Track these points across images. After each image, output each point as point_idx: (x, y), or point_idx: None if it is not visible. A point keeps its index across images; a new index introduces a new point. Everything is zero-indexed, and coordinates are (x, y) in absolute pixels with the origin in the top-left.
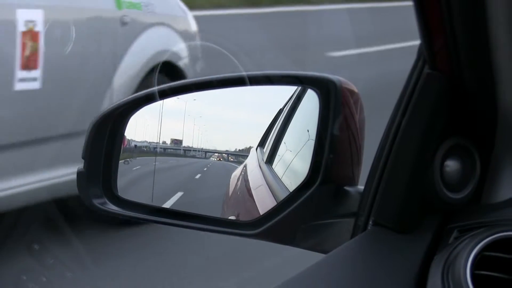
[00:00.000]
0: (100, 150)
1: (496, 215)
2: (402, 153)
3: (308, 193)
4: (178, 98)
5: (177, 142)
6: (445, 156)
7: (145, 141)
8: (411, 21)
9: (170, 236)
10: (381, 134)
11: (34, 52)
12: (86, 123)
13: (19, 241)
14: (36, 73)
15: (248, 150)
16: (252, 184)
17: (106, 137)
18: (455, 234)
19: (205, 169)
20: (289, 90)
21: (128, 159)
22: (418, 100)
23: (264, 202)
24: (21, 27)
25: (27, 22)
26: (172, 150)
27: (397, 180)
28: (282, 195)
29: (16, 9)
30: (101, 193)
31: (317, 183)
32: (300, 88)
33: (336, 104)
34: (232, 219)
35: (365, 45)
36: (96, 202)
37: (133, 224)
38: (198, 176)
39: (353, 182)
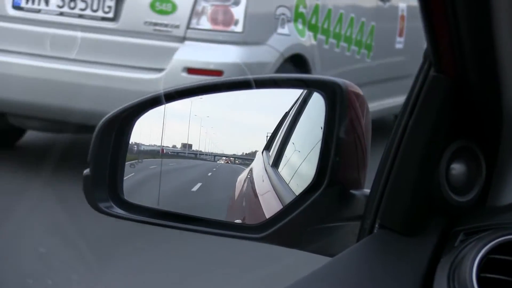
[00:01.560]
0: (106, 154)
1: (502, 218)
2: (408, 156)
3: (314, 197)
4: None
5: (187, 146)
6: (451, 159)
7: (155, 145)
8: None
9: (176, 238)
10: None
11: (402, 27)
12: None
13: (25, 244)
14: (402, 39)
15: (254, 153)
16: (258, 188)
17: (112, 141)
18: (461, 237)
19: (215, 169)
20: (295, 93)
21: (134, 163)
22: (424, 103)
23: (270, 206)
24: (399, 13)
25: (401, 9)
26: (182, 153)
27: (403, 183)
28: (288, 199)
29: (399, 4)
30: (107, 196)
31: (323, 186)
32: (306, 91)
33: (342, 107)
34: (238, 223)
35: None
36: (102, 205)
37: (140, 226)
38: (209, 174)
39: (359, 185)
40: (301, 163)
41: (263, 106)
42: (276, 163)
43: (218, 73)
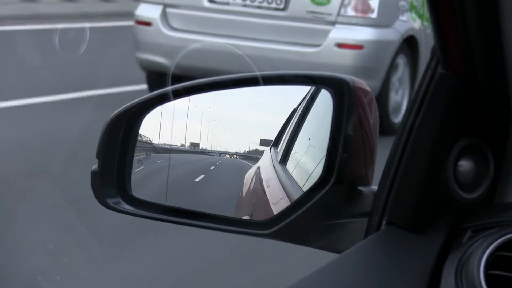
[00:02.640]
0: (114, 150)
1: (510, 215)
2: (415, 153)
3: (321, 193)
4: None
5: (195, 145)
6: (459, 156)
7: (164, 143)
8: None
9: (185, 235)
10: None
11: None
12: None
13: (33, 241)
14: None
15: (260, 150)
16: (265, 184)
17: (120, 137)
18: (468, 234)
19: (218, 163)
20: (303, 90)
21: (141, 158)
22: (431, 100)
23: (277, 202)
24: None
25: None
26: (189, 151)
27: (411, 179)
28: (296, 195)
29: None
30: (115, 192)
31: (330, 183)
32: (314, 88)
33: (349, 103)
34: (246, 219)
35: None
36: (110, 201)
37: (148, 223)
38: (212, 167)
39: (366, 181)
40: (308, 160)
41: (271, 102)
42: (284, 159)
43: (360, 47)
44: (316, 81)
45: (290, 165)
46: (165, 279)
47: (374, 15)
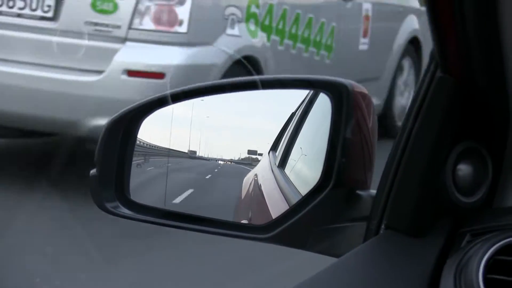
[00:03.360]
0: (112, 154)
1: (509, 219)
2: (414, 157)
3: (320, 197)
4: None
5: (193, 152)
6: (458, 160)
7: (161, 147)
8: None
9: (184, 238)
10: None
11: (367, 27)
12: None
13: (32, 244)
14: (366, 40)
15: (254, 158)
16: (264, 188)
17: (119, 141)
18: (467, 238)
19: (217, 169)
20: (301, 94)
21: (140, 163)
22: (430, 104)
23: (276, 206)
24: (363, 13)
25: (365, 9)
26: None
27: (410, 184)
28: (295, 199)
29: (362, 3)
30: (113, 197)
31: (329, 187)
32: (312, 92)
33: (348, 107)
34: (245, 223)
35: None
36: (109, 206)
37: (148, 226)
38: (208, 176)
39: (365, 186)
40: (307, 164)
41: (270, 106)
42: (282, 163)
43: (160, 75)
44: (315, 85)
45: (288, 169)
46: (166, 282)
47: (183, 28)
